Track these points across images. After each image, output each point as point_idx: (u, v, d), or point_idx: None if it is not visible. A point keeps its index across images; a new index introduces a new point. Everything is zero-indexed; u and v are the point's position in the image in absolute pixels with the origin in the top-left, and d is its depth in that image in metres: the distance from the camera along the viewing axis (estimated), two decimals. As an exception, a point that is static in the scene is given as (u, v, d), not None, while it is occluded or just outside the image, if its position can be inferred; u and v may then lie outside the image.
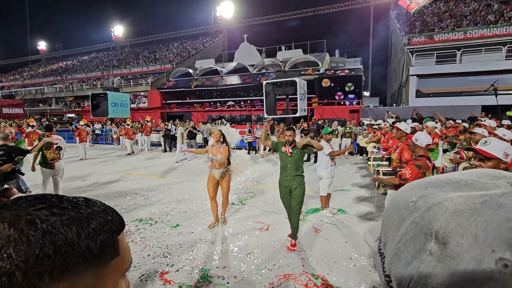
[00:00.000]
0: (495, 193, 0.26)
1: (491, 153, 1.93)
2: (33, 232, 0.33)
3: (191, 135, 12.23)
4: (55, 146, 5.31)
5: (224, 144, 4.37)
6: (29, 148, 8.05)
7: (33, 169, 5.39)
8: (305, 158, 10.38)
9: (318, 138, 10.54)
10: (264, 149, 12.13)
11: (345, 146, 11.30)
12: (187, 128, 12.25)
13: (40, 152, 5.22)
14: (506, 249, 0.22)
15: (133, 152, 12.95)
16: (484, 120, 7.25)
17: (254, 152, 12.58)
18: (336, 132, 11.02)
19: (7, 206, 0.35)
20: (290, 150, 3.79)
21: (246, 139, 12.50)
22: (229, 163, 4.40)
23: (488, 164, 1.94)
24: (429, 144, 3.07)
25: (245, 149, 12.51)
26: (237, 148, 5.49)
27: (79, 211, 0.37)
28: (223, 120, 15.54)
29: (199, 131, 13.43)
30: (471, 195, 0.27)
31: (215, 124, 14.66)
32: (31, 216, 0.34)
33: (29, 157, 5.46)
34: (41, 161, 5.25)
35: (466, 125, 7.91)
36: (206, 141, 13.40)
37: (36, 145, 5.27)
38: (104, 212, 0.40)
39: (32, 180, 6.11)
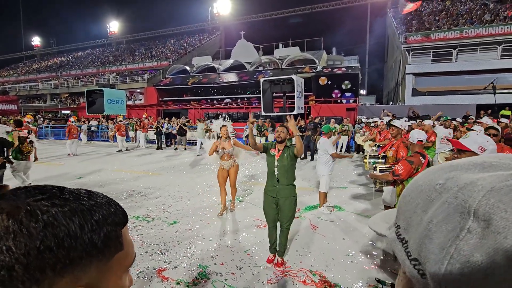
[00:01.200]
0: None
1: (465, 146, 1.93)
2: (33, 223, 0.31)
3: (181, 132, 12.54)
4: (28, 140, 5.61)
5: (231, 137, 4.89)
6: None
7: (10, 161, 5.43)
8: (302, 155, 10.42)
9: (316, 136, 10.58)
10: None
11: (342, 143, 11.36)
12: (179, 125, 12.48)
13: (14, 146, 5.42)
14: None
15: (127, 149, 12.85)
16: (481, 118, 7.34)
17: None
18: (334, 130, 11.12)
19: (5, 197, 0.34)
20: (280, 152, 3.19)
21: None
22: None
23: (463, 157, 1.93)
24: (421, 141, 3.10)
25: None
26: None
27: (81, 202, 0.36)
28: (221, 116, 15.75)
29: (189, 128, 13.56)
30: (501, 174, 0.28)
31: (221, 119, 15.17)
32: (31, 207, 0.32)
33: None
34: (18, 154, 5.46)
35: (456, 123, 8.03)
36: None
37: (26, 139, 5.39)
38: (107, 205, 0.39)
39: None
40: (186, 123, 13.64)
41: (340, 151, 11.33)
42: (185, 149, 12.90)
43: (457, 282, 0.26)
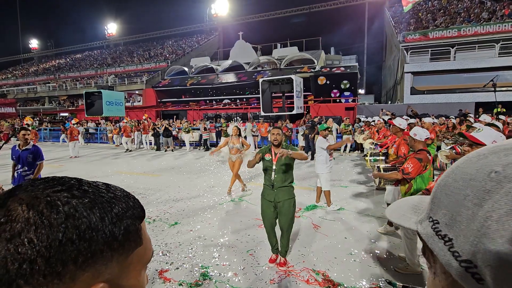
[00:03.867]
0: None
1: (479, 139, 1.94)
2: (54, 215, 0.30)
3: (167, 133, 12.80)
4: None
5: (240, 136, 5.94)
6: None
7: None
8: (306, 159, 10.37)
9: (313, 135, 10.58)
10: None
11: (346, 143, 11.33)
12: (164, 126, 12.85)
13: None
14: None
15: (130, 150, 12.99)
16: (479, 116, 7.37)
17: (206, 148, 13.11)
18: (330, 128, 11.11)
19: (23, 188, 0.33)
20: (277, 156, 3.05)
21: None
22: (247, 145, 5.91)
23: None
24: (428, 138, 3.09)
25: (202, 145, 13.40)
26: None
27: (100, 194, 0.35)
28: (237, 118, 16.24)
29: (174, 129, 13.71)
30: None
31: (232, 121, 16.08)
32: (51, 198, 0.31)
33: None
34: None
35: (454, 121, 8.07)
36: (201, 137, 13.62)
37: None
38: (126, 198, 0.38)
39: None
40: (171, 124, 13.94)
41: (344, 150, 11.34)
42: (172, 150, 13.03)
43: None
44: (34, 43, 50.10)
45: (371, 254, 3.35)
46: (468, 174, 0.28)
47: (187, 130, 12.85)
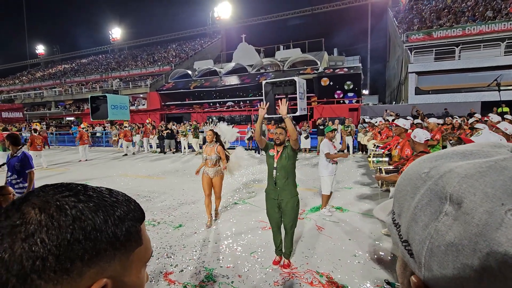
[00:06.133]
0: (498, 158, 0.30)
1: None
2: (63, 217, 0.34)
3: (170, 136, 13.09)
4: None
5: (218, 143, 4.43)
6: (32, 152, 8.00)
7: None
8: (298, 146, 10.35)
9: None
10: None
11: (347, 144, 11.24)
12: (162, 130, 13.08)
13: None
14: None
15: (133, 153, 13.10)
16: (489, 115, 7.28)
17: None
18: (336, 130, 11.03)
19: (35, 193, 0.37)
20: (279, 154, 3.15)
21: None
22: (227, 160, 4.48)
23: None
24: (428, 140, 3.07)
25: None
26: (231, 148, 5.57)
27: (104, 199, 0.39)
28: (213, 119, 15.97)
29: (177, 132, 13.76)
30: (477, 161, 0.30)
31: (207, 123, 15.59)
32: (60, 202, 0.36)
33: None
34: None
35: (460, 120, 7.99)
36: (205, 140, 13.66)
37: None
38: (127, 202, 0.42)
39: None
40: (174, 127, 14.10)
41: (348, 151, 11.24)
42: (173, 152, 13.21)
43: (436, 258, 0.29)
44: (40, 48, 50.95)
45: (375, 256, 3.34)
46: (410, 174, 0.36)
47: (184, 133, 12.99)
